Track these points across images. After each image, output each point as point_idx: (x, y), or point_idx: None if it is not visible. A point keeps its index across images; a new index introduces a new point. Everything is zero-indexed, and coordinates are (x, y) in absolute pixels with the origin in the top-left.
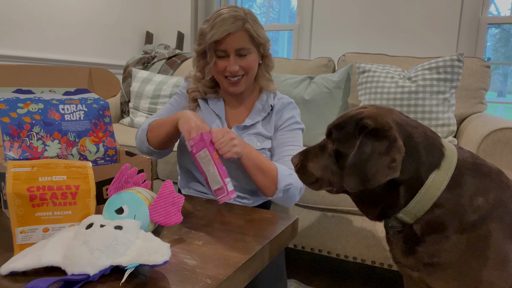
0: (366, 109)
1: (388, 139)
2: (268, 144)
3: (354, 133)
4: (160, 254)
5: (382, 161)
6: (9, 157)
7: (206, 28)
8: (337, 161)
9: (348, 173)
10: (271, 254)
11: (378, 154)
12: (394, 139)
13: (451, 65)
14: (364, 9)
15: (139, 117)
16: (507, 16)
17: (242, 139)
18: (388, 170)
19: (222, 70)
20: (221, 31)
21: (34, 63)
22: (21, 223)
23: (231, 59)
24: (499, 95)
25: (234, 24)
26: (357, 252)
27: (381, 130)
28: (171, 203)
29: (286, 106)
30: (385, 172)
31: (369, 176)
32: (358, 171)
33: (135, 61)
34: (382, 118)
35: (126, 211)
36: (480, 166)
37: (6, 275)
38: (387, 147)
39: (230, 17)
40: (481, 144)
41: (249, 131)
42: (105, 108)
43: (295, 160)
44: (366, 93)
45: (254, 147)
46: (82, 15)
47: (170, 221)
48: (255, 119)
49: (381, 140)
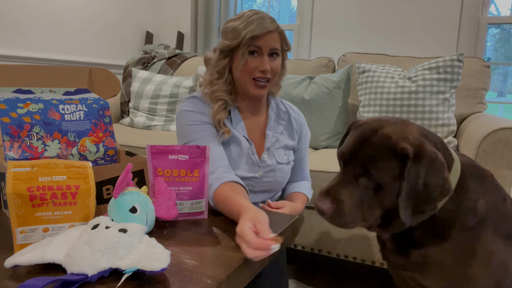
0: (386, 130)
1: (431, 158)
2: (292, 156)
3: (393, 161)
4: (159, 261)
5: (435, 184)
6: (9, 157)
7: (239, 24)
8: (376, 195)
9: (405, 206)
10: (271, 254)
11: (430, 178)
12: (436, 156)
13: (451, 65)
14: (364, 9)
15: (139, 117)
16: (507, 16)
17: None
18: (444, 189)
19: (251, 69)
20: (261, 27)
21: (34, 63)
22: (21, 223)
23: (265, 58)
24: (499, 95)
25: (272, 24)
26: (357, 252)
27: (422, 152)
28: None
29: (301, 117)
30: (442, 194)
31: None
32: (416, 201)
33: (135, 61)
34: (414, 137)
35: (139, 210)
36: (478, 170)
37: (9, 275)
38: (435, 168)
39: (267, 17)
40: (481, 144)
41: (276, 146)
42: (105, 108)
43: (327, 205)
44: (366, 93)
45: (283, 161)
46: (82, 15)
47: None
48: (276, 131)
49: (427, 162)
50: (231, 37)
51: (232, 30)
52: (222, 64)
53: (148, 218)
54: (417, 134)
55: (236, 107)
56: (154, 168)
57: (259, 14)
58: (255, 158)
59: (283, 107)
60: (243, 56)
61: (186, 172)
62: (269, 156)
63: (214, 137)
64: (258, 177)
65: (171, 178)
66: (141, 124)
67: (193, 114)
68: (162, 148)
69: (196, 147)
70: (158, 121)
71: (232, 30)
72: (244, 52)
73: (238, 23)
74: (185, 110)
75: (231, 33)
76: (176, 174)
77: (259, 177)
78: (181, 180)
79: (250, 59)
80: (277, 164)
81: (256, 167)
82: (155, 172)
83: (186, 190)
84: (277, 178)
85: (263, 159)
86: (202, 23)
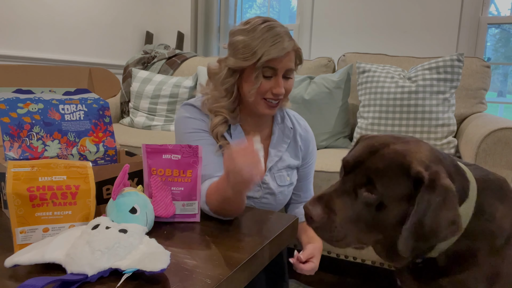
0: (399, 147)
1: (446, 190)
2: (295, 176)
3: (402, 181)
4: (159, 261)
5: (445, 219)
6: (9, 157)
7: (252, 40)
8: (375, 213)
9: (407, 236)
10: (271, 254)
11: (440, 211)
12: (451, 188)
13: (451, 65)
14: (364, 9)
15: (139, 117)
16: (507, 16)
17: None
18: (453, 226)
19: (265, 91)
20: (279, 48)
21: (34, 63)
22: (21, 223)
23: (280, 80)
24: (499, 95)
25: (290, 42)
26: (357, 252)
27: (437, 181)
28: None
29: (309, 133)
30: (452, 232)
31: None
32: (420, 233)
33: (135, 61)
34: (430, 162)
35: (138, 210)
36: (492, 183)
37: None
38: (448, 201)
39: (285, 34)
40: (481, 144)
41: (278, 166)
42: (105, 108)
43: (317, 212)
44: (366, 93)
45: (284, 183)
46: (82, 15)
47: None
48: (279, 148)
49: (441, 193)
50: (244, 56)
51: (244, 46)
52: (231, 82)
53: (148, 218)
54: (433, 159)
55: (238, 124)
56: (149, 167)
57: (274, 29)
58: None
59: (289, 122)
60: (257, 79)
61: (178, 172)
62: (271, 178)
63: (213, 146)
64: (257, 198)
65: (163, 177)
66: (141, 124)
67: (193, 121)
68: (156, 147)
69: (188, 147)
70: (158, 121)
71: (244, 47)
72: (258, 75)
73: (250, 39)
74: (185, 117)
75: (243, 50)
76: (169, 173)
77: (258, 198)
78: (173, 180)
79: (264, 81)
80: (278, 187)
81: (256, 187)
82: (149, 171)
83: (178, 191)
84: (277, 200)
85: (264, 181)
86: (202, 23)
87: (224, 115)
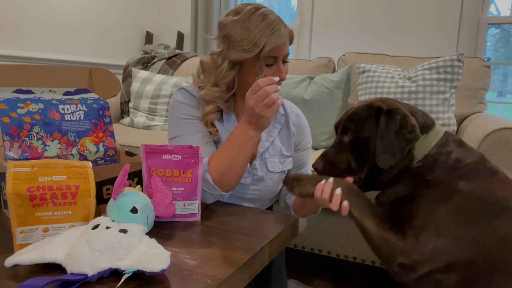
0: (368, 100)
1: (403, 115)
2: (289, 164)
3: (370, 116)
4: (159, 261)
5: (405, 131)
6: (9, 157)
7: (252, 32)
8: (357, 147)
9: (381, 152)
10: (271, 254)
11: (400, 127)
12: (408, 115)
13: (451, 65)
14: (364, 9)
15: (139, 117)
16: (507, 16)
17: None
18: (412, 135)
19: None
20: (279, 36)
21: (34, 63)
22: (21, 223)
23: (281, 66)
24: (499, 95)
25: (285, 29)
26: (357, 252)
27: (393, 109)
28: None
29: (301, 118)
30: (411, 138)
31: (399, 147)
32: (389, 146)
33: (135, 61)
34: (388, 100)
35: (139, 210)
36: (465, 144)
37: (9, 275)
38: (404, 119)
39: (279, 20)
40: (481, 144)
41: (270, 152)
42: (105, 108)
43: (319, 164)
44: (366, 93)
45: (275, 169)
46: (82, 15)
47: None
48: (270, 134)
49: (398, 117)
50: (244, 48)
51: (242, 39)
52: (231, 75)
53: (149, 218)
54: (397, 103)
55: (233, 113)
56: (148, 168)
57: (268, 17)
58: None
59: (281, 109)
60: (260, 69)
61: (179, 173)
62: (261, 164)
63: (203, 134)
64: (246, 184)
65: (163, 178)
66: (141, 124)
67: (186, 107)
68: (156, 148)
69: (189, 147)
70: (158, 121)
71: (242, 39)
72: (261, 65)
73: (247, 30)
74: (179, 102)
75: (242, 43)
76: (169, 174)
77: (247, 184)
78: (173, 180)
79: (266, 69)
80: (268, 172)
81: (245, 173)
82: (149, 171)
83: (179, 191)
84: (267, 187)
85: (254, 166)
86: (202, 23)
87: (218, 104)
